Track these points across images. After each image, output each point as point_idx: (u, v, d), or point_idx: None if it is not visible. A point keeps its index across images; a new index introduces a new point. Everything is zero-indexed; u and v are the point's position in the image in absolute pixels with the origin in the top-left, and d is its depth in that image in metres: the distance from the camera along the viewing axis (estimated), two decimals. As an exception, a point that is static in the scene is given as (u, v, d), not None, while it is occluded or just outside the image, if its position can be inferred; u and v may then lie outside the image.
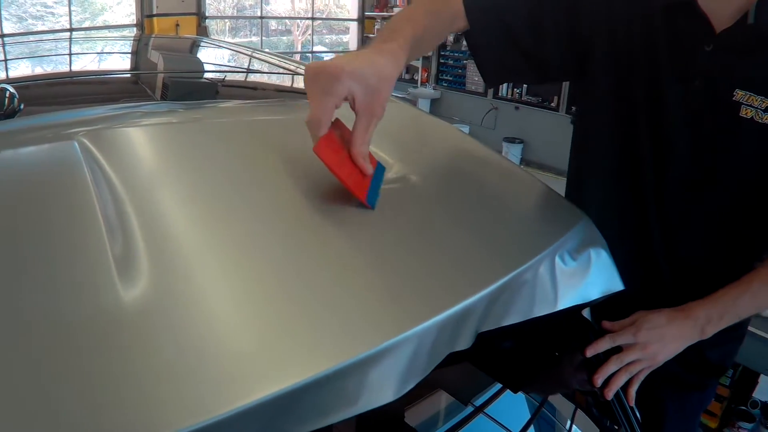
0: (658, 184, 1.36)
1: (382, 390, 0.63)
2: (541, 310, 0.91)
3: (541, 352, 1.34)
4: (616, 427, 1.29)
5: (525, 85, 9.71)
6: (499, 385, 1.41)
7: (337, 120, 1.02)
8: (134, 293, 0.66)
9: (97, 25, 11.59)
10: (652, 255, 1.45)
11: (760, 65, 1.19)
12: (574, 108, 7.51)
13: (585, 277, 1.02)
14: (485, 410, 1.37)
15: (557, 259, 0.95)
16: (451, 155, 1.33)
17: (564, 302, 0.96)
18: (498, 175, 1.29)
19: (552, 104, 9.35)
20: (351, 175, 0.96)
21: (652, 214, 1.40)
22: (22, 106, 1.13)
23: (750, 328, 2.60)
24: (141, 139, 1.10)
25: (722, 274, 1.36)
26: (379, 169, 1.05)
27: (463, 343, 0.77)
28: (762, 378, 3.26)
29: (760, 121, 1.19)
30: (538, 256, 0.91)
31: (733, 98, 1.21)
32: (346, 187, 0.94)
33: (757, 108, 1.19)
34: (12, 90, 1.14)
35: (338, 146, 0.98)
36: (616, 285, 1.10)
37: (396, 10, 11.75)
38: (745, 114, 1.20)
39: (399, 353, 0.65)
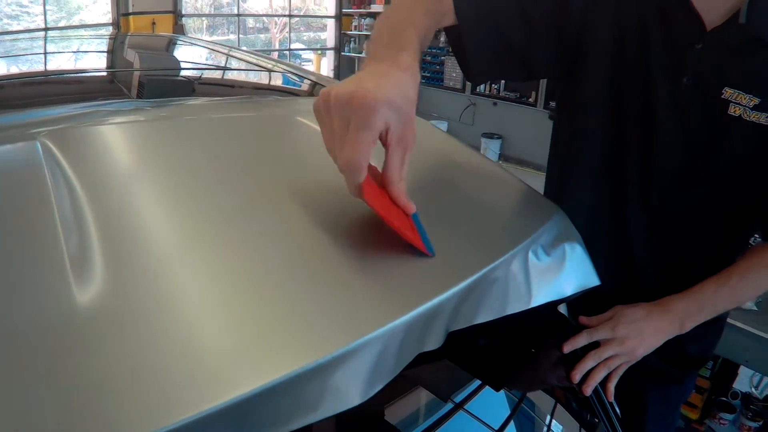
0: (644, 181, 1.36)
1: (347, 393, 0.61)
2: (514, 308, 0.89)
3: (517, 349, 1.33)
4: (596, 420, 1.29)
5: (503, 81, 9.75)
6: (478, 382, 1.40)
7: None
8: (90, 295, 0.63)
9: (73, 24, 11.52)
10: (632, 251, 1.45)
11: (749, 64, 1.19)
12: (552, 104, 7.51)
13: (560, 272, 1.00)
14: (465, 407, 1.35)
15: (531, 255, 0.94)
16: (420, 150, 1.32)
17: (538, 299, 0.94)
18: (469, 170, 1.27)
19: (530, 100, 9.42)
20: (399, 220, 0.83)
21: (635, 211, 1.40)
22: None
23: (728, 320, 2.61)
24: (105, 138, 1.08)
25: (702, 269, 1.37)
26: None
27: (433, 342, 0.74)
28: (741, 369, 3.30)
29: (748, 119, 1.19)
30: (510, 252, 0.89)
31: (722, 96, 1.21)
32: (404, 237, 0.82)
33: (745, 106, 1.19)
34: None
35: (377, 189, 0.84)
36: (592, 280, 1.09)
37: (373, 7, 11.79)
38: (734, 112, 1.20)
39: (364, 355, 0.63)
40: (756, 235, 1.43)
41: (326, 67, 13.70)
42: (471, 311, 0.81)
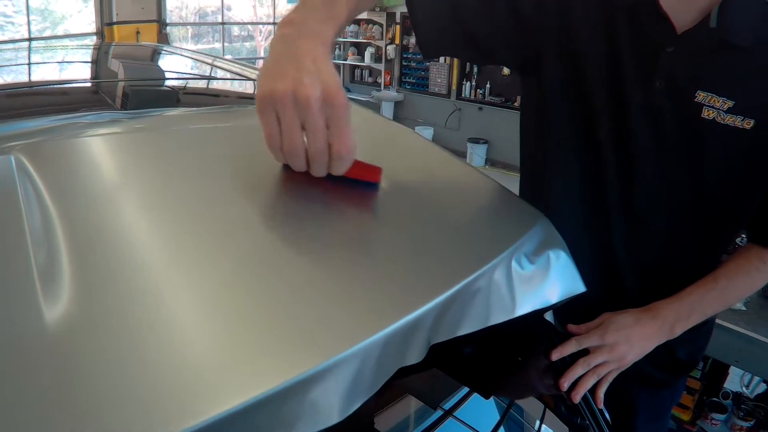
0: (623, 187, 1.35)
1: (324, 412, 0.59)
2: (498, 318, 0.88)
3: (504, 357, 1.31)
4: (587, 424, 1.28)
5: (488, 86, 9.78)
6: (467, 388, 1.39)
7: None
8: (58, 310, 0.61)
9: (58, 34, 11.51)
10: (616, 258, 1.44)
11: (722, 67, 1.19)
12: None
13: (544, 280, 0.99)
14: (454, 413, 1.34)
15: (514, 264, 0.92)
16: (400, 158, 1.29)
17: (523, 308, 0.92)
18: (449, 177, 1.25)
19: (515, 104, 9.46)
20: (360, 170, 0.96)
21: (615, 214, 1.39)
22: None
23: (718, 321, 2.62)
24: (79, 151, 1.04)
25: (686, 274, 1.37)
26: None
27: (414, 356, 0.73)
28: (732, 369, 3.32)
29: (722, 122, 1.19)
30: (492, 262, 0.87)
31: (695, 99, 1.21)
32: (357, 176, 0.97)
33: (719, 109, 1.19)
34: None
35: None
36: (578, 287, 1.07)
37: (358, 13, 11.87)
38: (707, 115, 1.20)
39: (341, 372, 0.61)
40: (743, 235, 1.43)
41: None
42: (453, 323, 0.79)
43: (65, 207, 0.82)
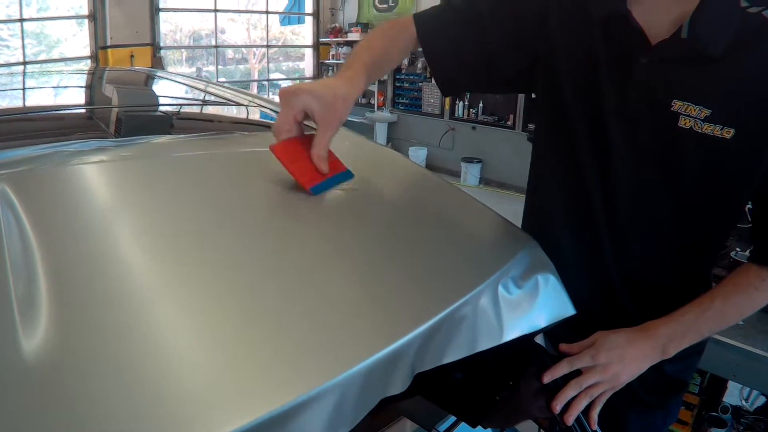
0: (605, 195, 1.35)
1: None
2: (486, 344, 0.87)
3: (493, 382, 1.30)
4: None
5: (481, 105, 9.82)
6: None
7: (308, 134, 1.18)
8: (36, 341, 0.60)
9: (53, 57, 11.56)
10: (609, 273, 1.43)
11: (697, 76, 1.20)
12: (531, 126, 7.67)
13: (532, 304, 0.98)
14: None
15: (501, 289, 0.91)
16: (389, 182, 1.29)
17: (511, 333, 0.92)
18: (437, 201, 1.25)
19: (508, 123, 9.47)
20: (301, 169, 1.13)
21: (602, 225, 1.38)
22: None
23: (715, 336, 2.62)
24: (63, 182, 1.05)
25: (675, 286, 1.38)
26: (345, 174, 1.21)
27: (398, 386, 0.72)
28: (731, 383, 3.24)
29: (699, 131, 1.20)
30: (477, 288, 0.86)
31: (672, 108, 1.22)
32: (291, 174, 1.12)
33: (695, 118, 1.19)
34: None
35: (298, 149, 1.16)
36: (567, 310, 1.07)
37: (350, 36, 11.96)
38: (684, 124, 1.21)
39: (320, 405, 0.60)
40: (737, 249, 1.43)
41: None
42: (438, 351, 0.78)
43: (46, 237, 0.82)
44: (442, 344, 0.79)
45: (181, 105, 2.18)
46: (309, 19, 13.29)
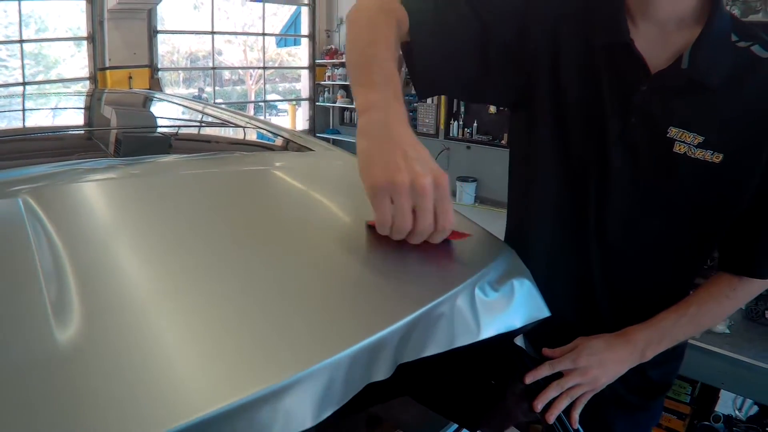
0: (599, 214, 1.42)
1: (298, 417, 0.68)
2: (463, 340, 0.95)
3: (476, 382, 1.38)
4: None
5: (475, 125, 9.90)
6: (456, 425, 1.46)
7: None
8: (69, 336, 0.70)
9: (51, 78, 11.60)
10: (592, 281, 1.50)
11: (692, 105, 1.28)
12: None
13: (508, 306, 1.06)
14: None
15: (477, 291, 1.00)
16: None
17: (487, 332, 0.99)
18: None
19: (502, 142, 9.54)
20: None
21: (592, 243, 1.46)
22: None
23: (703, 345, 2.69)
24: (81, 195, 1.17)
25: (658, 298, 1.45)
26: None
27: (382, 373, 0.80)
28: (723, 392, 3.28)
29: (692, 156, 1.28)
30: (454, 290, 0.95)
31: (668, 135, 1.29)
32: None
33: (689, 144, 1.28)
34: None
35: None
36: (542, 312, 1.14)
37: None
38: (679, 149, 1.29)
39: (312, 383, 0.70)
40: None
41: (301, 117, 13.82)
42: (419, 344, 0.87)
43: (70, 245, 0.92)
44: (422, 338, 0.88)
45: (182, 126, 2.28)
46: (305, 41, 13.36)
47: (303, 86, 13.87)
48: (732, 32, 1.28)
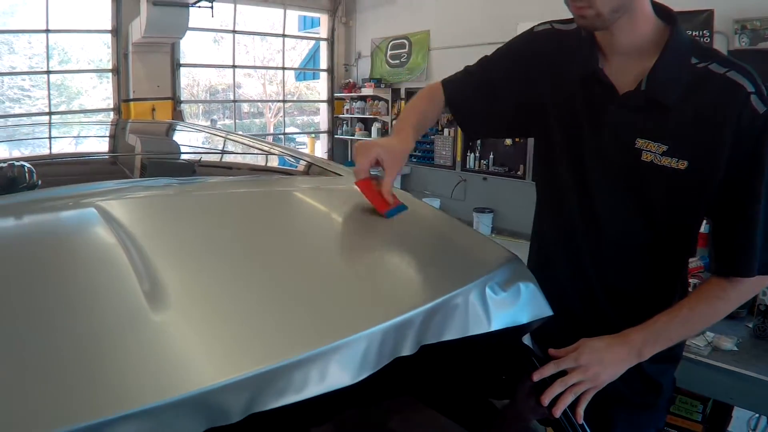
0: (587, 221, 1.64)
1: (342, 374, 0.86)
2: (476, 329, 1.12)
3: (489, 378, 1.53)
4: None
5: (491, 156, 10.03)
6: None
7: (377, 176, 1.58)
8: (162, 318, 0.90)
9: (73, 108, 11.83)
10: (589, 281, 1.69)
11: (655, 119, 1.49)
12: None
13: (515, 303, 1.23)
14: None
15: (487, 290, 1.17)
16: (418, 220, 1.63)
17: (497, 323, 1.16)
18: (446, 230, 1.60)
19: (518, 173, 9.63)
20: (376, 200, 1.53)
21: (585, 245, 1.67)
22: (39, 182, 1.39)
23: (711, 362, 2.79)
24: (147, 204, 1.40)
25: (647, 291, 1.64)
26: (403, 206, 1.56)
27: (407, 349, 0.99)
28: (736, 411, 3.24)
29: (658, 163, 1.49)
30: (467, 286, 1.13)
31: (636, 146, 1.51)
32: (370, 202, 1.53)
33: (654, 152, 1.49)
34: (30, 167, 1.40)
35: (372, 187, 1.56)
36: (545, 311, 1.30)
37: (364, 90, 12.25)
38: (646, 158, 1.50)
39: (353, 348, 0.89)
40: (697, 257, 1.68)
41: (320, 149, 13.93)
42: (438, 329, 1.05)
43: (148, 245, 1.11)
44: (441, 323, 1.05)
45: (227, 153, 2.52)
46: (324, 75, 13.47)
47: (322, 119, 13.98)
48: (692, 55, 1.49)
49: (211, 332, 0.88)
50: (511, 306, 1.22)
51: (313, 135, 14.55)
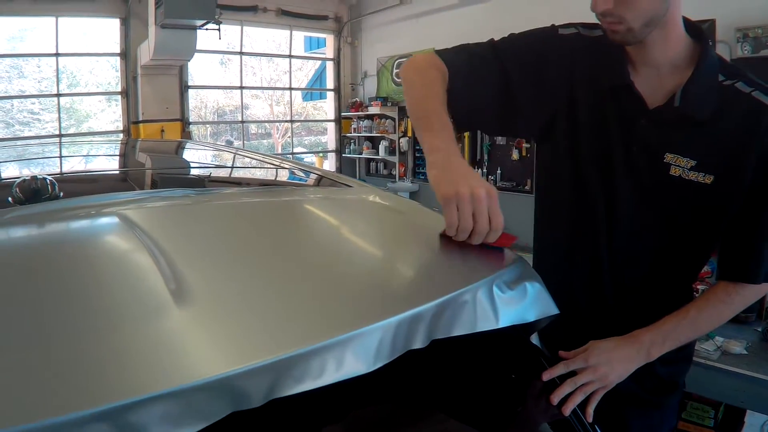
0: (609, 230, 1.68)
1: (358, 363, 0.91)
2: (484, 326, 1.16)
3: (499, 377, 1.57)
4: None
5: (499, 172, 10.06)
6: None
7: None
8: (186, 313, 0.96)
9: (82, 131, 11.96)
10: (601, 278, 1.73)
11: (685, 134, 1.54)
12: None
13: (521, 301, 1.26)
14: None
15: (495, 288, 1.21)
16: (420, 225, 1.68)
17: (504, 320, 1.20)
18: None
19: (526, 187, 9.66)
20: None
21: (604, 254, 1.70)
22: (61, 193, 1.46)
23: (721, 365, 2.82)
24: (166, 212, 1.47)
25: (660, 302, 1.66)
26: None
27: (419, 342, 1.03)
28: (749, 416, 3.32)
29: (686, 178, 1.53)
30: (475, 284, 1.18)
31: (664, 160, 1.55)
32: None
33: (683, 167, 1.53)
34: (52, 179, 1.48)
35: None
36: (551, 309, 1.34)
37: (370, 109, 12.33)
38: (674, 172, 1.55)
39: (368, 339, 0.94)
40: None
41: (328, 168, 14.00)
42: (448, 324, 1.09)
43: (171, 248, 1.17)
44: (451, 319, 1.10)
45: (244, 168, 2.61)
46: (330, 95, 13.57)
47: (329, 138, 14.05)
48: (719, 73, 1.53)
49: (235, 322, 0.93)
50: (518, 304, 1.26)
51: (321, 154, 14.61)
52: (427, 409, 1.62)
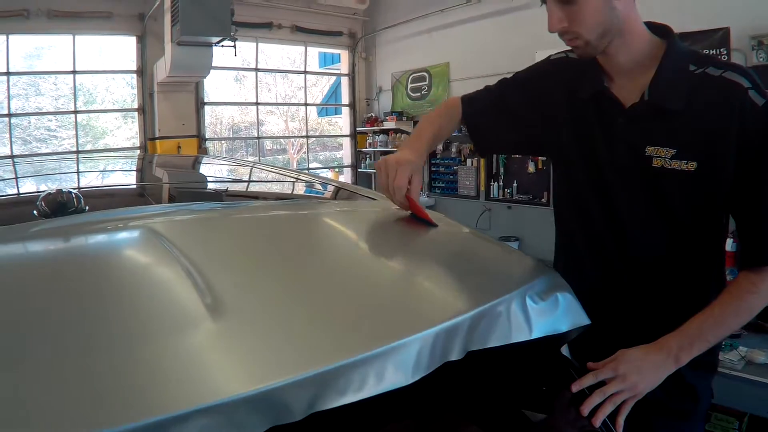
0: (613, 229, 1.73)
1: (398, 374, 0.90)
2: (518, 337, 1.16)
3: (531, 389, 1.56)
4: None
5: (515, 185, 10.04)
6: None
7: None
8: (219, 325, 0.95)
9: (99, 147, 12.07)
10: (621, 288, 1.77)
11: (661, 126, 1.60)
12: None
13: (554, 312, 1.27)
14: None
15: (528, 299, 1.21)
16: (452, 237, 1.72)
17: (537, 331, 1.20)
18: (487, 249, 1.68)
19: (542, 200, 9.62)
20: (423, 213, 1.69)
21: (614, 252, 1.76)
22: (87, 207, 1.47)
23: (744, 375, 2.81)
24: (197, 225, 1.47)
25: (682, 299, 1.68)
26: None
27: (455, 354, 1.03)
28: None
29: (669, 167, 1.58)
30: (509, 295, 1.18)
31: (646, 153, 1.61)
32: (422, 217, 1.68)
33: (664, 158, 1.59)
34: (78, 193, 1.49)
35: (415, 202, 1.69)
36: (583, 320, 1.34)
37: (386, 124, 12.31)
38: (657, 164, 1.60)
39: (408, 350, 0.94)
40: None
41: (344, 182, 14.01)
42: (483, 335, 1.09)
43: (201, 260, 1.16)
44: (485, 330, 1.10)
45: (270, 182, 2.66)
46: (345, 110, 13.60)
47: (345, 153, 14.06)
48: (690, 63, 1.59)
49: (273, 335, 0.93)
50: (551, 315, 1.26)
51: (337, 169, 14.64)
52: (462, 420, 1.61)
